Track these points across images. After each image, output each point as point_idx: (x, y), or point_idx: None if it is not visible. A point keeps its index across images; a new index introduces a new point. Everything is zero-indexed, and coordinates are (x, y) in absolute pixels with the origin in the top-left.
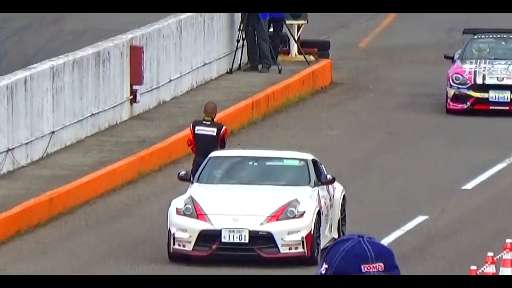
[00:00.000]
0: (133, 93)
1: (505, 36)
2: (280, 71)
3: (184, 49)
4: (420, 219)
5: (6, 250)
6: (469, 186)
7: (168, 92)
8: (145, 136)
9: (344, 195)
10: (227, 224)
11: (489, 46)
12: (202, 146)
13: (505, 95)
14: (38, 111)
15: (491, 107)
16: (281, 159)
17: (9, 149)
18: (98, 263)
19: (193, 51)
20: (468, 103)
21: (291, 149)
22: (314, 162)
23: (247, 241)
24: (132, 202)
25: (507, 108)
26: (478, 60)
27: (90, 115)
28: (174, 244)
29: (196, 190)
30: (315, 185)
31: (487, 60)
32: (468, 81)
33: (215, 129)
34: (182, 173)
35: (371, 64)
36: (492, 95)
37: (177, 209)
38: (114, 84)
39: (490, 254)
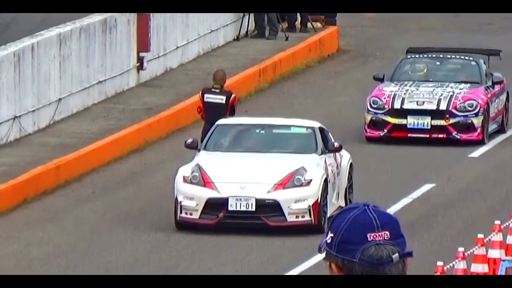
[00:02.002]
0: (140, 60)
1: (441, 56)
2: (287, 38)
3: (191, 16)
4: (427, 187)
5: (13, 217)
6: (476, 154)
7: (175, 59)
8: (152, 103)
9: (351, 163)
10: (234, 192)
11: (427, 67)
12: (211, 114)
13: (425, 121)
14: (45, 79)
15: (409, 135)
16: (288, 126)
17: (16, 117)
18: (105, 231)
19: (200, 18)
20: (385, 130)
21: (298, 116)
22: (321, 129)
23: (254, 209)
24: (139, 170)
25: (427, 135)
26: (406, 82)
27: (97, 83)
28: (181, 212)
29: (203, 158)
30: (322, 153)
31: (415, 83)
32: (386, 106)
33: (224, 97)
34: (189, 140)
35: (378, 31)
36: (411, 121)
37: (184, 177)
38: (121, 52)
39: (497, 222)
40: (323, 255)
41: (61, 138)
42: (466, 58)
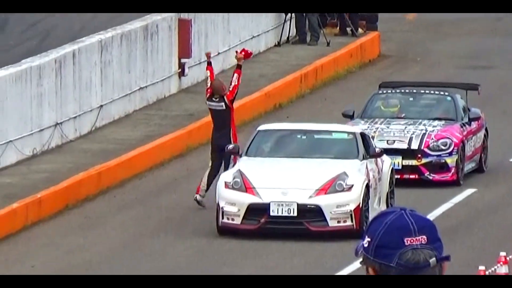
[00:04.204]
0: (181, 66)
1: (414, 91)
2: (328, 44)
3: (232, 22)
4: (468, 192)
5: (54, 224)
6: None
7: (216, 65)
8: (193, 109)
9: (392, 168)
10: (276, 198)
11: (400, 103)
12: (215, 119)
13: (396, 161)
14: (87, 85)
15: None
16: (329, 132)
17: (57, 123)
18: (146, 237)
19: (241, 24)
20: None
21: (340, 122)
22: (363, 135)
23: (295, 214)
24: (180, 176)
25: (398, 176)
26: (376, 120)
27: (138, 89)
28: (222, 218)
29: (245, 163)
30: (363, 158)
31: (386, 120)
32: None
33: (222, 103)
34: (231, 146)
35: (419, 36)
36: None
37: (225, 182)
38: (162, 58)
39: None
40: (361, 258)
41: (102, 144)
42: (441, 93)
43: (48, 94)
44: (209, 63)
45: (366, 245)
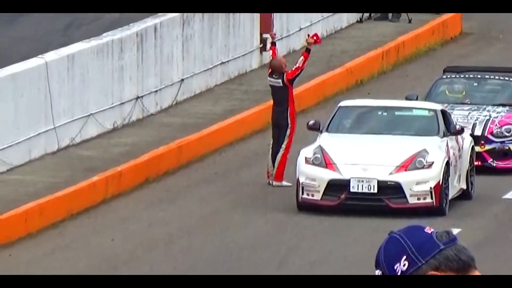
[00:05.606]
0: (263, 41)
1: (479, 76)
2: (410, 21)
3: None
4: None
5: (135, 197)
6: None
7: (298, 41)
8: None
9: (473, 146)
10: (356, 174)
11: (465, 88)
12: (274, 96)
13: None
14: (168, 59)
15: None
16: (410, 109)
17: (138, 97)
18: (226, 211)
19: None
20: None
21: (420, 98)
22: (443, 112)
23: (375, 191)
24: (261, 151)
25: None
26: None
27: (220, 64)
28: (302, 194)
29: (325, 139)
30: (444, 136)
31: (450, 105)
32: None
33: (280, 80)
34: (311, 122)
35: (501, 14)
36: None
37: (306, 158)
38: (244, 33)
39: None
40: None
41: (183, 118)
42: (506, 78)
43: (129, 67)
44: (273, 43)
45: (405, 267)
